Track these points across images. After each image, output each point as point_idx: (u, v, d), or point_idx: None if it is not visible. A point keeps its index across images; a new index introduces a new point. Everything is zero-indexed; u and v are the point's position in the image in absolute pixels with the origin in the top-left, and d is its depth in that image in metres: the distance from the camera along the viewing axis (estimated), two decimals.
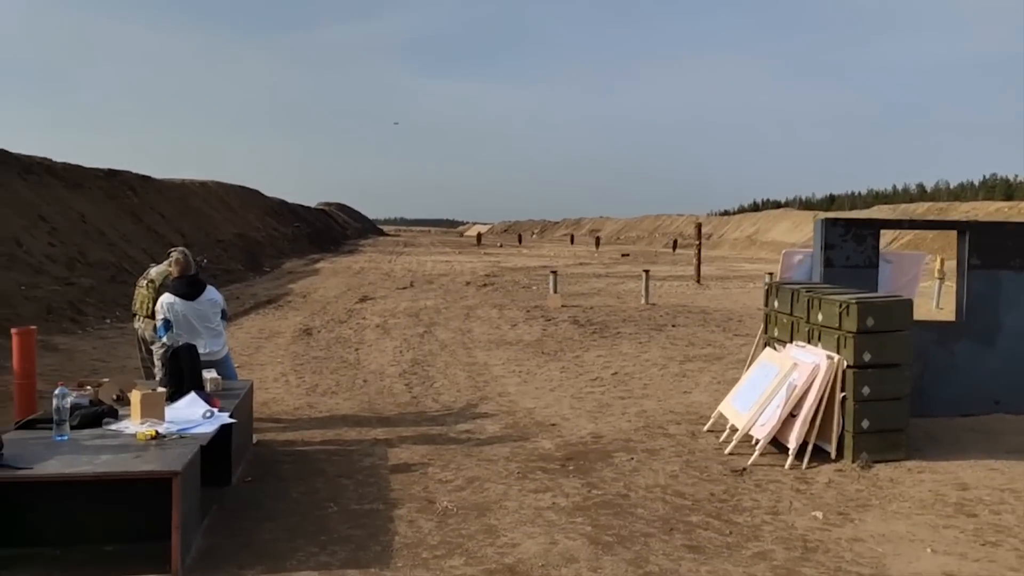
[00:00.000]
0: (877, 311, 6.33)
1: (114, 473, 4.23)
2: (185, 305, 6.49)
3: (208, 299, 6.68)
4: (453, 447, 6.81)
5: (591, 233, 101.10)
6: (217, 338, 6.75)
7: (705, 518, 5.20)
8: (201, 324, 6.58)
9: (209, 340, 6.60)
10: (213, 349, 6.64)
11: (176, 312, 6.43)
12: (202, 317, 6.60)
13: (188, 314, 6.50)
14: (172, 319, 6.38)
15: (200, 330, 6.54)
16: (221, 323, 6.83)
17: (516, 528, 4.95)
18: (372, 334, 13.85)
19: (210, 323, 6.67)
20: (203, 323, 6.60)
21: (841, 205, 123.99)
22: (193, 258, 6.88)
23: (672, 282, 27.18)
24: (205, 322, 6.62)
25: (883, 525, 5.14)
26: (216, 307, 6.75)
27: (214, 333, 6.71)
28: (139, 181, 30.82)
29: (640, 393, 9.11)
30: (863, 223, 7.92)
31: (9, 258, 15.22)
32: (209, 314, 6.67)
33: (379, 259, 41.97)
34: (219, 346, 6.77)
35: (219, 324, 6.79)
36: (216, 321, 6.74)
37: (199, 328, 6.54)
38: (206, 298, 6.65)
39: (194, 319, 6.54)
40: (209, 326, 6.66)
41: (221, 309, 6.83)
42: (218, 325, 6.77)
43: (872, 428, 6.36)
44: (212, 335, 6.68)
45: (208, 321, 6.65)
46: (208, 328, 6.64)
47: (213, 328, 6.70)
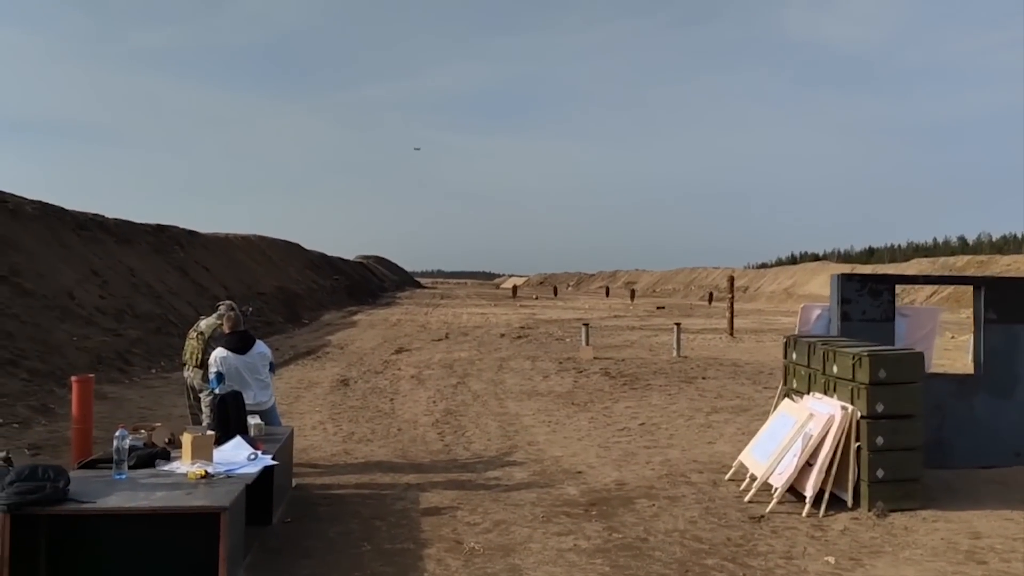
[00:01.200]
0: (889, 363, 6.56)
1: (168, 508, 4.63)
2: (237, 359, 6.99)
3: (258, 352, 7.17)
4: (482, 492, 7.11)
5: (627, 285, 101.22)
6: (265, 389, 7.21)
7: (720, 561, 5.43)
8: (251, 376, 7.05)
9: (258, 391, 7.06)
10: (261, 400, 7.10)
11: (229, 365, 6.93)
12: (252, 370, 7.08)
13: (239, 367, 6.98)
14: (224, 372, 6.87)
15: (250, 382, 7.00)
16: (269, 375, 7.29)
17: (538, 567, 5.23)
18: (407, 384, 14.24)
19: (259, 375, 7.14)
20: (253, 375, 7.08)
21: (880, 258, 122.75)
22: (239, 308, 7.38)
23: (705, 335, 27.26)
24: (255, 374, 7.10)
25: (893, 570, 5.32)
26: (265, 360, 7.24)
27: (263, 384, 7.17)
28: (185, 236, 31.95)
29: (665, 443, 9.34)
30: (878, 278, 8.17)
31: (63, 310, 15.98)
32: (259, 366, 7.14)
33: (415, 311, 42.60)
34: (267, 396, 7.23)
35: (267, 376, 7.26)
36: (265, 373, 7.21)
37: (249, 380, 7.01)
38: (256, 351, 7.15)
39: (245, 372, 7.01)
40: (259, 378, 7.12)
41: (269, 362, 7.30)
42: (266, 377, 7.24)
43: (887, 477, 6.54)
44: (261, 386, 7.13)
45: (258, 373, 7.12)
46: (258, 380, 7.11)
47: (262, 380, 7.17)
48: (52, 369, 12.67)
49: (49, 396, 11.30)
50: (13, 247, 16.94)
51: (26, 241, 17.97)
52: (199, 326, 7.70)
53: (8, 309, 13.80)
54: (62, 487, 4.52)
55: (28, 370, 12.12)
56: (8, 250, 16.56)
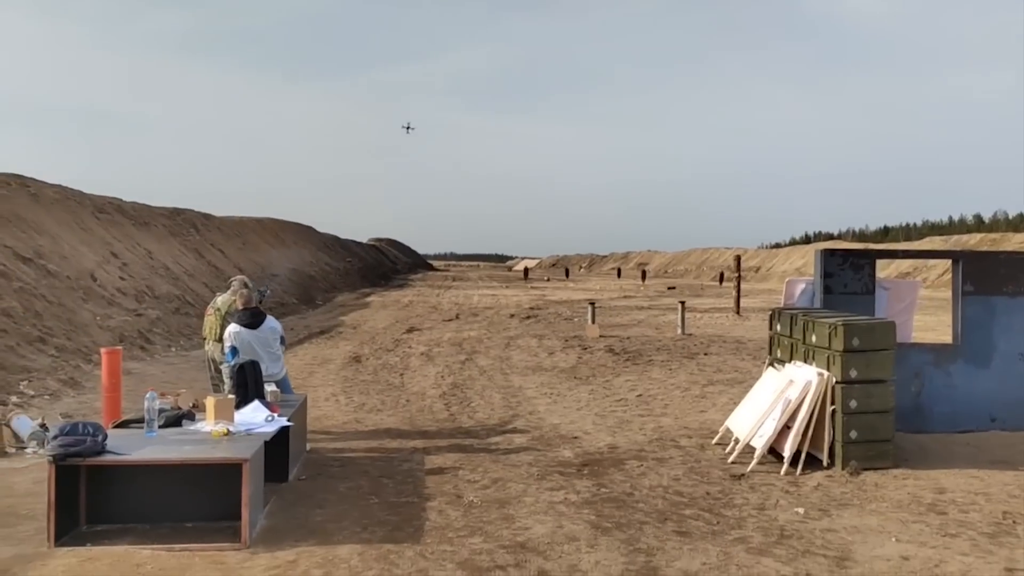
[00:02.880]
0: (862, 332, 7.00)
1: (196, 459, 5.18)
2: (249, 334, 7.53)
3: (268, 327, 7.72)
4: (482, 454, 7.63)
5: (639, 267, 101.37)
6: (276, 361, 7.75)
7: (697, 511, 5.92)
8: (263, 349, 7.58)
9: (270, 363, 7.59)
10: (273, 371, 7.63)
11: (242, 340, 7.48)
12: (263, 343, 7.61)
13: (251, 341, 7.52)
14: (238, 346, 7.41)
15: (262, 355, 7.52)
16: (280, 348, 7.83)
17: (530, 516, 5.74)
18: (417, 361, 14.77)
19: (271, 348, 7.68)
20: (264, 348, 7.61)
21: (895, 236, 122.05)
22: (257, 289, 7.91)
23: (713, 314, 27.64)
24: (266, 347, 7.63)
25: (857, 520, 5.79)
26: (276, 334, 7.78)
27: (274, 357, 7.71)
28: (200, 219, 32.59)
29: (659, 412, 9.82)
30: (860, 253, 8.59)
31: (86, 291, 16.59)
32: (270, 340, 7.68)
33: (427, 293, 43.17)
34: (278, 368, 7.77)
35: (279, 349, 7.80)
36: (276, 347, 7.75)
37: (261, 353, 7.53)
38: (267, 327, 7.69)
39: (256, 345, 7.55)
40: (270, 350, 7.66)
41: (280, 336, 7.83)
42: (277, 350, 7.78)
43: (860, 438, 7.00)
44: (272, 359, 7.67)
45: (269, 346, 7.66)
46: (269, 352, 7.64)
47: (273, 352, 7.71)
48: (78, 346, 13.28)
49: (76, 371, 11.90)
50: (37, 230, 17.55)
51: (49, 224, 18.58)
52: (216, 303, 8.24)
53: (35, 289, 14.40)
54: (101, 441, 5.05)
55: (56, 347, 12.72)
56: (32, 233, 17.17)
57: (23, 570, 4.63)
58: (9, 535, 5.25)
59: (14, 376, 10.67)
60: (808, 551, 5.14)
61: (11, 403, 9.51)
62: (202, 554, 4.91)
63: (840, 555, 5.09)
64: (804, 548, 5.18)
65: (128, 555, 4.85)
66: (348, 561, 4.82)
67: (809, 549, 5.17)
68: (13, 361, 11.21)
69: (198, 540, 5.10)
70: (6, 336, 11.90)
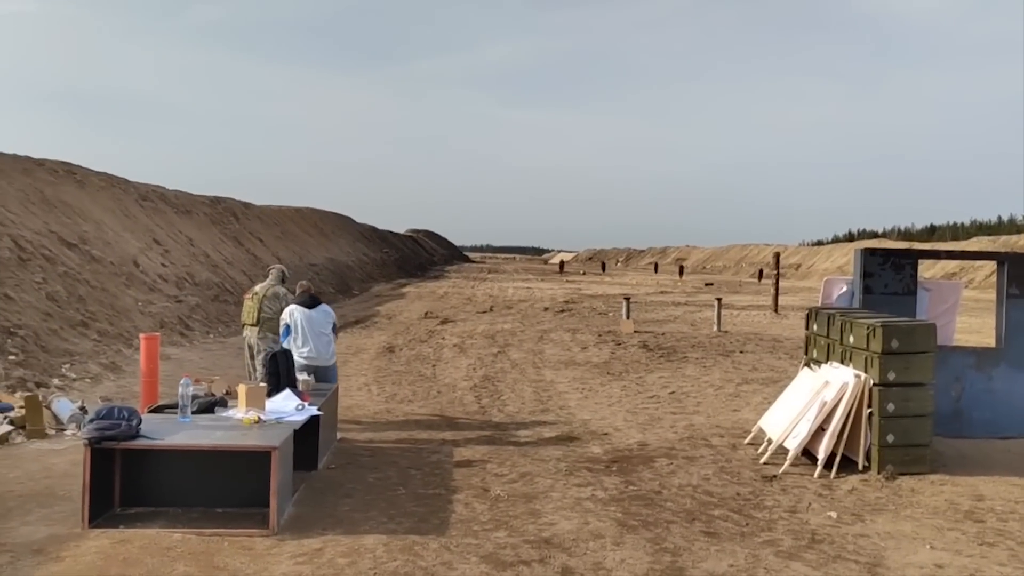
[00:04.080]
0: (901, 333, 6.85)
1: (226, 446, 5.24)
2: (303, 313, 7.82)
3: (323, 311, 7.98)
4: (511, 448, 7.63)
5: (676, 262, 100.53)
6: (327, 346, 7.93)
7: (726, 512, 5.85)
8: (312, 330, 7.82)
9: (319, 346, 7.82)
10: (321, 354, 7.85)
11: (295, 319, 7.80)
12: (314, 324, 7.86)
13: (303, 321, 7.80)
14: (291, 324, 7.74)
15: (310, 336, 7.78)
16: (331, 334, 8.02)
17: (556, 512, 5.72)
18: (449, 353, 14.81)
19: (323, 330, 7.90)
20: (314, 329, 7.84)
21: (942, 236, 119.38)
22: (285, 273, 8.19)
23: (750, 311, 27.31)
24: (318, 328, 7.87)
25: (892, 525, 5.68)
26: (328, 318, 8.00)
27: (324, 340, 7.90)
28: (240, 208, 33.02)
29: (692, 409, 9.73)
30: (902, 253, 8.40)
31: (128, 277, 16.91)
32: (322, 322, 7.91)
33: (462, 285, 43.27)
34: (327, 353, 7.95)
35: (329, 334, 7.98)
36: (327, 330, 7.95)
37: (310, 334, 7.79)
38: (321, 309, 7.98)
39: (307, 325, 7.81)
40: (320, 332, 7.88)
41: (332, 322, 8.04)
42: (328, 334, 7.96)
43: (897, 442, 6.85)
44: (322, 342, 7.87)
45: (320, 328, 7.88)
46: (319, 334, 7.86)
47: (324, 335, 7.91)
48: (120, 331, 13.55)
49: (117, 355, 12.15)
50: (82, 216, 17.93)
51: (94, 211, 18.97)
52: (254, 289, 8.39)
53: (79, 275, 14.71)
54: (135, 425, 5.14)
55: (98, 331, 12.99)
56: (78, 219, 17.54)
57: (57, 550, 4.73)
58: (46, 515, 5.37)
59: (57, 359, 10.91)
60: (839, 556, 5.05)
61: (53, 386, 9.73)
62: (231, 539, 4.97)
63: (872, 561, 4.99)
64: (835, 553, 5.09)
65: (159, 538, 4.94)
66: (373, 551, 4.85)
67: (840, 554, 5.08)
68: (56, 344, 11.47)
69: (227, 525, 5.16)
70: (50, 320, 12.18)
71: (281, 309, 8.08)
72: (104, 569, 4.48)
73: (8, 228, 13.98)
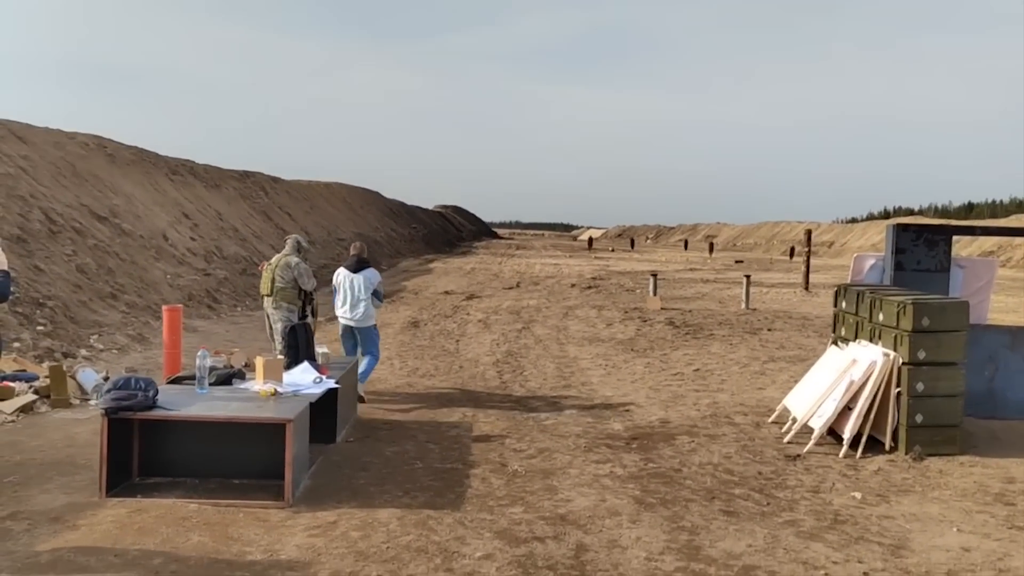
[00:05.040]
0: (932, 311, 6.65)
1: (243, 418, 5.24)
2: (347, 275, 8.31)
3: (365, 275, 8.31)
4: (531, 424, 7.57)
5: (706, 239, 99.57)
6: (364, 309, 8.25)
7: (747, 491, 5.74)
8: (353, 293, 8.21)
9: (357, 307, 8.22)
10: (357, 315, 8.25)
11: (339, 280, 8.35)
12: (356, 287, 8.23)
13: (346, 283, 8.28)
14: (335, 286, 8.35)
15: (349, 296, 8.22)
16: (371, 299, 8.29)
17: (573, 489, 5.66)
18: (474, 328, 14.78)
19: (361, 295, 8.18)
20: (354, 292, 8.21)
21: (980, 213, 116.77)
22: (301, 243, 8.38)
23: (780, 289, 26.96)
24: (357, 292, 8.20)
25: (918, 507, 5.54)
26: (369, 283, 8.30)
27: (362, 304, 8.15)
28: (269, 182, 33.18)
29: (716, 387, 9.60)
30: (935, 228, 8.16)
31: (158, 250, 17.07)
32: (362, 286, 8.19)
33: (490, 261, 43.23)
34: (363, 316, 8.29)
35: (368, 298, 8.24)
36: (366, 295, 8.22)
37: (350, 295, 8.22)
38: (364, 273, 8.32)
39: (348, 286, 8.25)
40: (359, 296, 8.18)
41: (374, 289, 8.34)
42: (367, 299, 8.23)
43: (926, 423, 6.68)
44: (360, 305, 8.20)
45: (360, 292, 8.17)
46: (358, 298, 8.18)
47: (362, 300, 8.18)
48: (148, 303, 13.69)
49: (145, 327, 12.27)
50: (113, 189, 18.09)
51: (124, 185, 19.14)
52: (271, 261, 8.37)
53: (109, 247, 14.87)
54: (152, 396, 5.15)
55: (127, 303, 13.13)
56: (108, 192, 17.71)
57: (74, 518, 4.77)
58: (66, 484, 5.41)
59: (85, 330, 11.05)
60: (862, 538, 4.93)
61: (80, 356, 9.85)
62: (246, 510, 4.97)
63: (896, 543, 4.87)
64: (858, 534, 4.97)
65: (175, 508, 4.95)
66: (387, 525, 4.82)
67: (863, 536, 4.96)
68: (85, 316, 11.61)
69: (243, 496, 5.16)
70: (79, 291, 12.33)
71: (295, 278, 8.08)
72: (119, 538, 4.50)
73: (39, 201, 14.14)
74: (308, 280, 8.26)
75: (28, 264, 11.82)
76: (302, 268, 8.20)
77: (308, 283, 8.26)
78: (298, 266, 8.19)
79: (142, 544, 4.42)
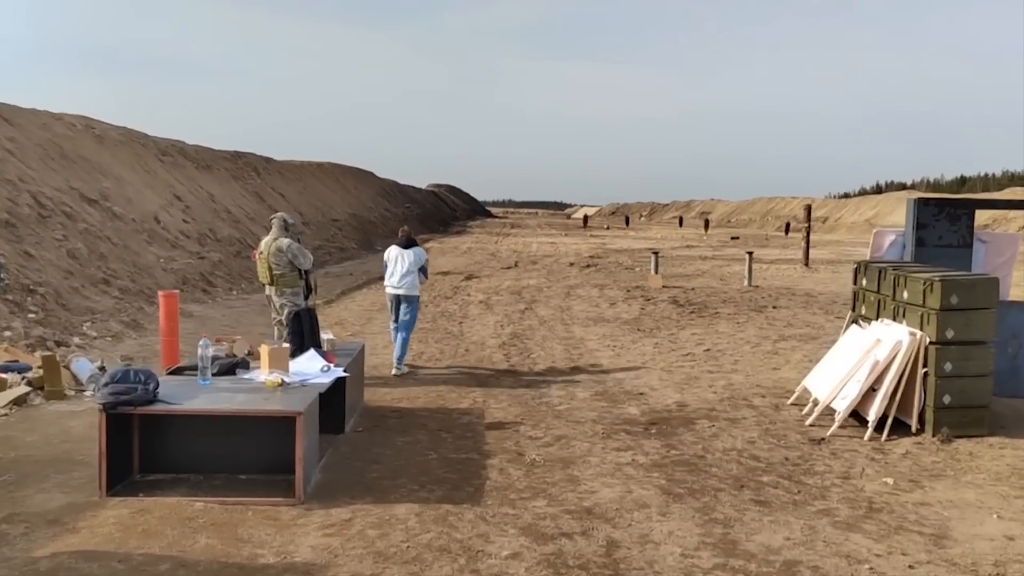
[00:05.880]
0: (961, 288, 6.42)
1: (249, 411, 4.97)
2: (398, 251, 9.31)
3: (414, 252, 9.34)
4: (544, 409, 7.33)
5: (701, 216, 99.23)
6: (411, 280, 9.26)
7: (776, 478, 5.52)
8: (402, 267, 9.21)
9: (405, 279, 9.21)
10: (404, 285, 9.22)
11: (391, 255, 9.37)
12: (405, 261, 9.23)
13: (397, 258, 9.28)
14: (387, 260, 9.38)
15: (399, 268, 9.24)
16: (418, 273, 9.35)
17: (596, 479, 5.42)
18: (476, 309, 14.52)
19: (410, 269, 9.24)
20: (403, 266, 9.20)
21: (972, 187, 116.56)
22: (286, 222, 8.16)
23: (780, 265, 26.76)
24: (407, 265, 9.21)
25: (953, 493, 5.33)
26: (418, 260, 9.33)
27: (410, 276, 9.25)
28: (261, 162, 32.69)
29: (730, 368, 9.38)
30: (957, 202, 7.91)
31: (150, 234, 16.71)
32: (412, 262, 9.26)
33: (486, 240, 42.89)
34: (410, 286, 9.27)
35: (415, 272, 9.31)
36: (415, 269, 9.29)
37: (400, 267, 9.24)
38: (413, 251, 9.34)
39: (399, 262, 9.23)
40: (408, 269, 9.24)
41: (421, 264, 9.40)
42: (415, 272, 9.30)
43: (954, 404, 6.48)
44: (407, 277, 9.23)
45: (409, 266, 9.24)
46: (407, 271, 9.23)
47: (411, 272, 9.25)
48: (141, 288, 13.36)
49: (139, 313, 11.96)
50: (102, 172, 17.67)
51: (114, 167, 18.71)
52: (260, 248, 8.01)
53: (100, 232, 14.51)
54: (152, 389, 4.87)
55: (120, 289, 12.81)
56: (98, 175, 17.29)
57: (73, 520, 4.50)
58: (63, 482, 5.15)
59: (78, 317, 10.74)
60: (901, 527, 4.71)
61: (73, 344, 9.55)
62: (255, 508, 4.72)
63: (937, 533, 4.65)
64: (897, 524, 4.76)
65: (180, 507, 4.69)
66: (405, 522, 4.58)
67: (902, 525, 4.75)
68: (78, 302, 11.29)
69: (251, 493, 4.91)
70: (71, 278, 12.00)
71: (290, 261, 7.80)
72: (122, 541, 4.24)
73: (28, 184, 13.76)
74: (304, 259, 7.96)
75: (17, 250, 11.48)
76: (294, 248, 7.87)
77: (305, 261, 7.97)
78: (290, 247, 7.85)
79: (147, 548, 4.16)
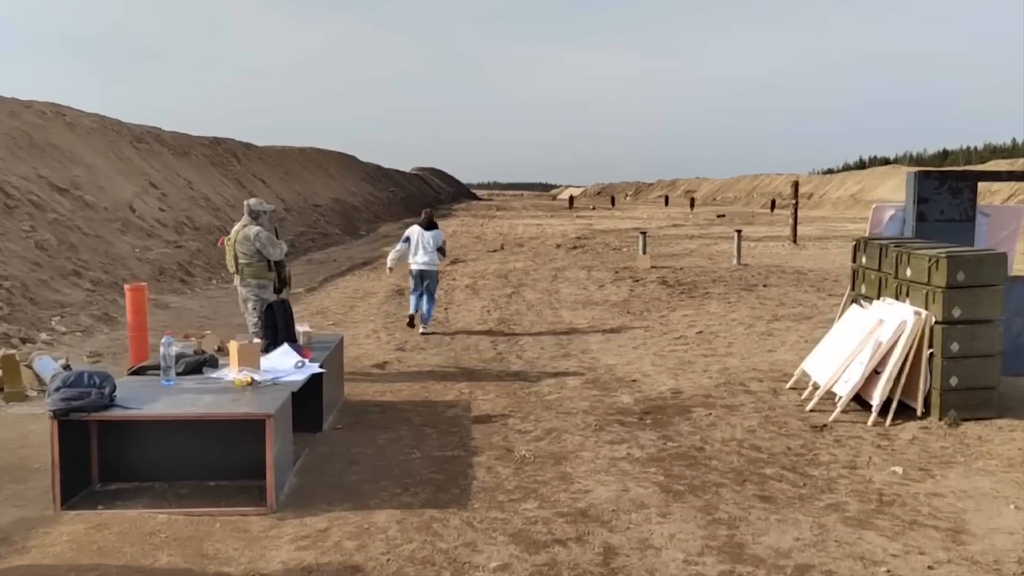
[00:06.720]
0: (968, 265, 6.12)
1: (214, 414, 4.60)
2: (420, 232, 10.44)
3: (435, 233, 10.49)
4: (533, 400, 7.00)
5: (686, 194, 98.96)
6: (431, 259, 10.37)
7: (780, 471, 5.22)
8: (423, 244, 10.35)
9: (429, 257, 10.33)
10: (429, 260, 10.35)
11: (414, 235, 10.42)
12: (427, 241, 10.38)
13: (420, 238, 10.39)
14: (410, 238, 10.42)
15: (421, 248, 10.35)
16: (436, 252, 10.45)
17: (590, 476, 5.10)
18: (461, 294, 14.16)
19: (429, 248, 10.36)
20: (425, 244, 10.36)
21: (955, 160, 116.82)
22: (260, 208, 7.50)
23: (767, 243, 26.51)
24: (427, 245, 10.36)
25: (966, 482, 5.05)
26: (438, 240, 10.50)
27: (431, 254, 10.38)
28: (242, 148, 32.08)
29: (724, 351, 9.08)
30: (959, 175, 7.60)
31: (124, 223, 16.21)
32: (431, 241, 10.40)
33: (471, 223, 42.41)
34: (433, 263, 10.39)
35: (435, 251, 10.42)
36: (433, 248, 10.40)
37: (422, 246, 10.35)
38: (434, 232, 10.48)
39: (421, 240, 10.37)
40: (429, 248, 10.37)
41: (440, 244, 10.52)
42: (434, 251, 10.41)
43: (961, 385, 6.20)
44: (429, 254, 10.35)
45: (431, 245, 10.38)
46: (428, 249, 10.36)
47: (432, 251, 10.39)
48: (115, 280, 12.90)
49: (112, 305, 11.52)
50: (73, 160, 17.13)
51: (85, 154, 18.16)
52: (229, 235, 7.48)
53: (70, 221, 14.01)
54: (108, 393, 4.50)
55: (91, 280, 12.35)
56: (68, 163, 16.75)
57: (24, 538, 4.14)
58: (17, 493, 4.78)
59: (46, 312, 10.30)
60: (915, 522, 4.43)
61: (40, 341, 9.13)
62: (223, 519, 4.36)
63: (953, 527, 4.37)
64: (910, 518, 4.47)
65: (141, 521, 4.33)
66: (386, 531, 4.24)
67: (916, 519, 4.46)
68: (46, 296, 10.85)
69: (220, 502, 4.56)
70: (39, 270, 11.54)
71: (258, 251, 7.23)
72: (75, 560, 3.88)
73: None
74: (273, 249, 7.29)
75: None
76: (263, 237, 7.22)
77: (274, 252, 7.30)
78: (258, 236, 7.21)
79: (102, 568, 3.80)
